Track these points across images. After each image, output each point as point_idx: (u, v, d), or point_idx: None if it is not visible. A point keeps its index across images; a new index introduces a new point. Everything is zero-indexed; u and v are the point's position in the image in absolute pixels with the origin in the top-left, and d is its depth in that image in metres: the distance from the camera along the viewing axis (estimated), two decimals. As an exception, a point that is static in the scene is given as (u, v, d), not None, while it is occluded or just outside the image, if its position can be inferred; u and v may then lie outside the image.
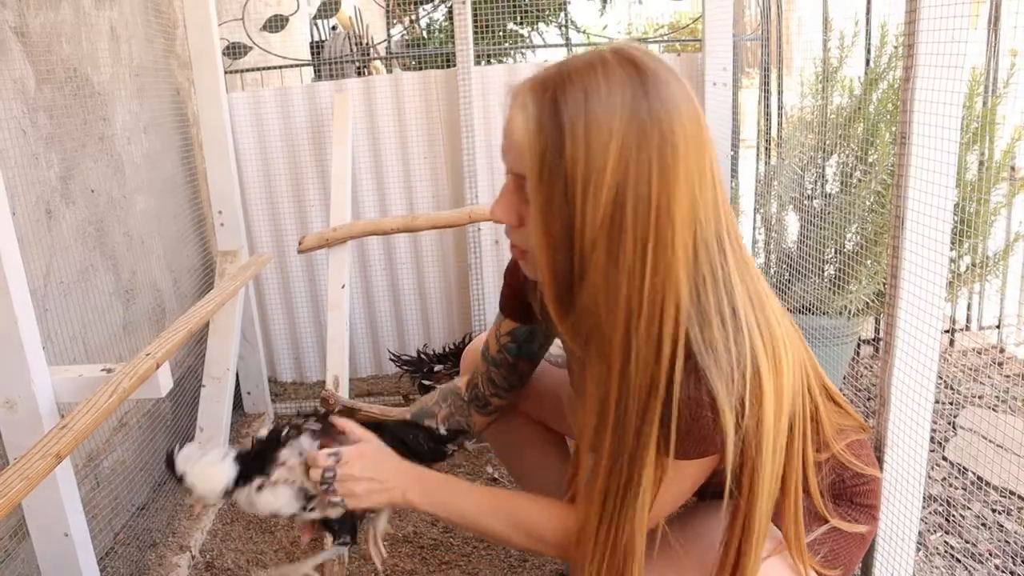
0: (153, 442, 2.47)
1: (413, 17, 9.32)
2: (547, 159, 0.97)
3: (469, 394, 1.54)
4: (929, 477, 2.33)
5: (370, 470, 1.25)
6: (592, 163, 0.95)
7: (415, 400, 3.08)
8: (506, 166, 1.06)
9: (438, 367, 2.79)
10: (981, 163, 2.58)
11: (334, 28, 3.89)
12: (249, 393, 3.07)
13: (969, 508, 2.19)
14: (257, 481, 1.29)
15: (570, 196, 0.96)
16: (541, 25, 8.68)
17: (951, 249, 1.70)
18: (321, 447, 1.29)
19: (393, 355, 2.90)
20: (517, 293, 1.40)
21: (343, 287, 2.63)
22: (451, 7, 2.74)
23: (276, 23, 2.98)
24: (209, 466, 1.29)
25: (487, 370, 1.50)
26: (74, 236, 2.03)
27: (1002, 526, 2.11)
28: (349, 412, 1.53)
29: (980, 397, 2.82)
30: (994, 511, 2.18)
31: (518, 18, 7.69)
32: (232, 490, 1.30)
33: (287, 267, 3.26)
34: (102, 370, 1.58)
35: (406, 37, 9.05)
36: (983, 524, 2.12)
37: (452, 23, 2.83)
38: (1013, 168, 2.67)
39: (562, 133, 0.95)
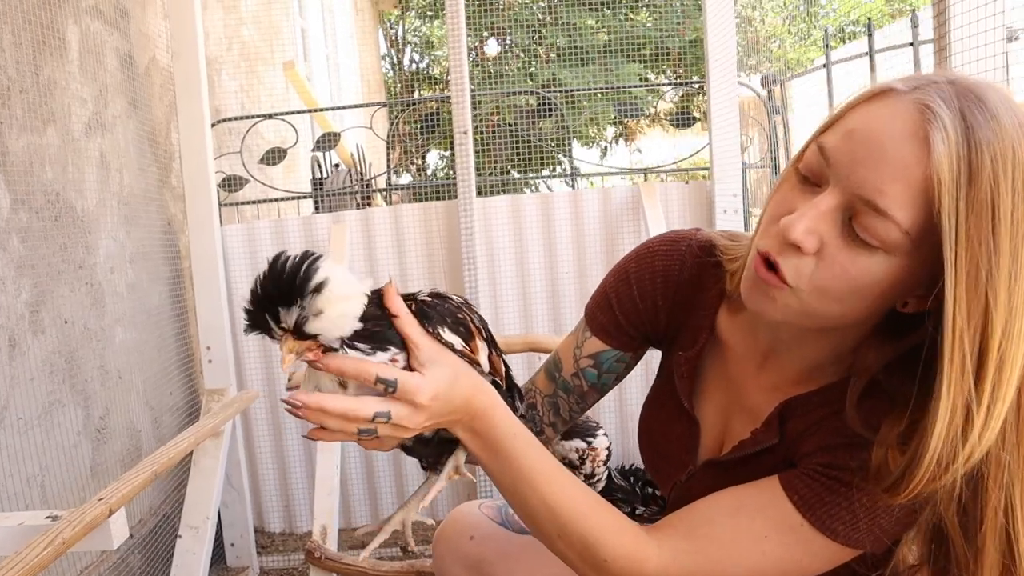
0: (118, 602, 2.21)
1: (420, 164, 9.56)
2: (975, 211, 0.75)
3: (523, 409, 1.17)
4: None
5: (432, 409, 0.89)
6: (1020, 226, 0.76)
7: (413, 553, 2.84)
8: (839, 177, 0.82)
9: None
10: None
11: (337, 166, 3.89)
12: (232, 544, 2.82)
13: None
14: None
15: (994, 269, 0.76)
16: (545, 171, 8.89)
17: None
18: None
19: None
20: (630, 312, 1.10)
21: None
22: (452, 139, 2.70)
23: (274, 156, 2.93)
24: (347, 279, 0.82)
25: (554, 393, 1.18)
26: (40, 368, 1.87)
27: None
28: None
29: None
30: None
31: (521, 166, 7.85)
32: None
33: (278, 407, 3.07)
34: (47, 517, 1.38)
35: (413, 181, 9.23)
36: None
37: (454, 156, 2.78)
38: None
39: (995, 178, 0.76)
